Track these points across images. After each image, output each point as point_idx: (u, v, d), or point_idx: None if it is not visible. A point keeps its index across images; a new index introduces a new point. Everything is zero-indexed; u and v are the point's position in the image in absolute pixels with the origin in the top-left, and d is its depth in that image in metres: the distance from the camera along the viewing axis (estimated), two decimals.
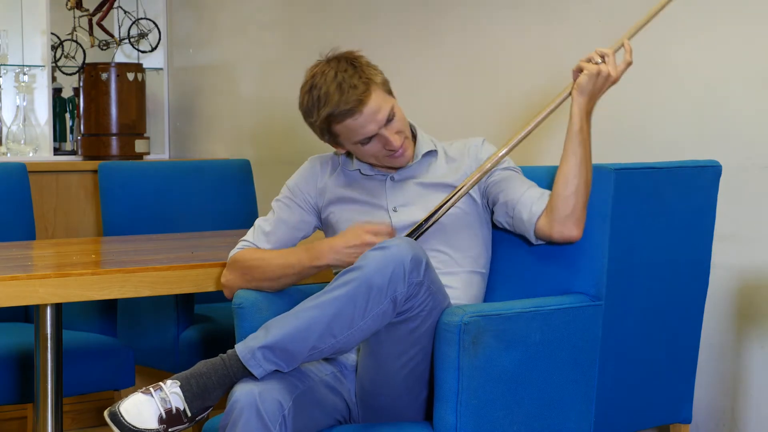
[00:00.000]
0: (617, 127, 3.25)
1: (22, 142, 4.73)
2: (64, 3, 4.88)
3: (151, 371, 3.72)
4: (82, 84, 4.75)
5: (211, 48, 4.91)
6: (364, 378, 2.48)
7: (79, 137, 4.78)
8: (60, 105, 4.93)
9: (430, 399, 2.44)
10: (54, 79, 4.89)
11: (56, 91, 4.91)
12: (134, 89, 4.74)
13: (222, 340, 3.40)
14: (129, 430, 2.24)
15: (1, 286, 2.54)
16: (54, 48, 4.89)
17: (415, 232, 2.57)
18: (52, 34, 4.81)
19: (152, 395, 2.27)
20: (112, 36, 4.96)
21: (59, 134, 4.92)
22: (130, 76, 4.73)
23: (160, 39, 5.01)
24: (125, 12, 4.99)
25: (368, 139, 2.59)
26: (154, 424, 2.26)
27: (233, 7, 4.78)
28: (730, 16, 3.00)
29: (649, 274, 2.65)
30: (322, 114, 2.56)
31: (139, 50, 5.02)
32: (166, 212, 3.95)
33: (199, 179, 4.09)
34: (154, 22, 5.00)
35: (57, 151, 4.87)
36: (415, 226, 2.58)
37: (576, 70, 2.55)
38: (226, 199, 4.09)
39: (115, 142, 4.70)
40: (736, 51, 2.99)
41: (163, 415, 2.27)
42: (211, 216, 4.01)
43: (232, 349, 2.32)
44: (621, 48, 2.56)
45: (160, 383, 2.30)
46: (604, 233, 2.54)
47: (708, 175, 2.73)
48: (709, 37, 3.04)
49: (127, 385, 3.38)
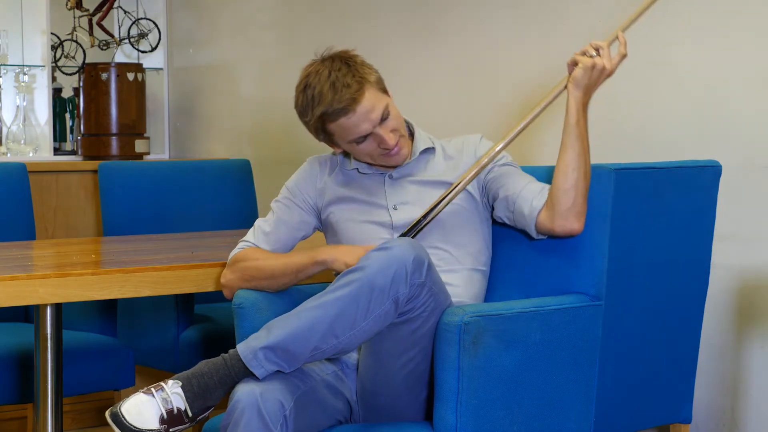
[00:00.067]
0: (617, 127, 3.25)
1: (22, 142, 4.73)
2: (64, 3, 4.87)
3: (151, 371, 3.72)
4: (82, 84, 4.75)
5: (211, 48, 4.91)
6: (365, 377, 2.48)
7: (79, 137, 4.78)
8: (60, 105, 4.93)
9: (431, 399, 2.44)
10: (54, 79, 4.89)
11: (56, 91, 4.91)
12: (134, 89, 4.74)
13: (222, 340, 3.39)
14: (130, 431, 2.24)
15: (1, 286, 2.54)
16: (54, 48, 4.88)
17: (414, 229, 2.57)
18: (52, 34, 4.81)
19: (153, 395, 2.27)
20: (112, 36, 4.95)
21: (59, 134, 4.92)
22: (130, 76, 4.73)
23: (160, 39, 5.01)
24: (125, 12, 4.98)
25: (363, 137, 2.59)
26: (155, 425, 2.26)
27: (233, 7, 4.78)
28: (730, 16, 3.00)
29: (649, 274, 2.65)
30: (316, 113, 2.57)
31: (139, 50, 5.01)
32: (166, 212, 3.95)
33: (199, 179, 4.08)
34: (154, 22, 5.00)
35: (57, 151, 4.86)
36: (413, 223, 2.58)
37: (571, 64, 2.54)
38: (226, 199, 4.09)
39: (115, 142, 4.70)
40: (736, 51, 2.99)
41: (164, 416, 2.26)
42: (211, 216, 4.01)
43: (234, 349, 2.32)
44: (616, 41, 2.56)
45: (162, 383, 2.30)
46: (604, 233, 2.53)
47: (708, 175, 2.73)
48: (709, 37, 3.04)
49: (127, 385, 3.38)
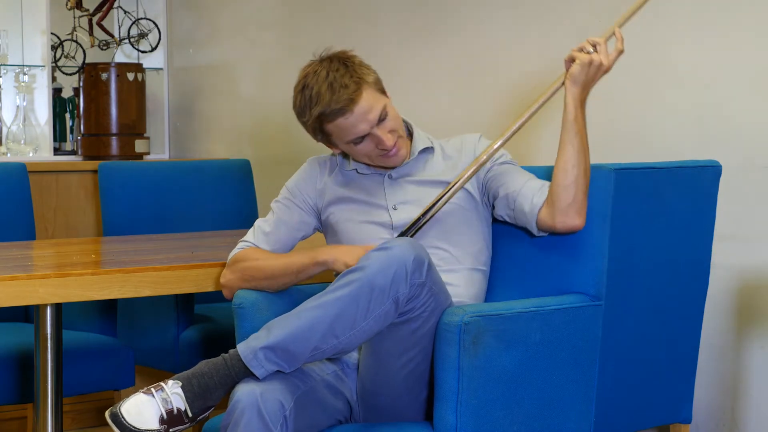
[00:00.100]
0: (617, 127, 3.25)
1: (22, 142, 4.73)
2: (64, 3, 4.87)
3: (151, 371, 3.72)
4: (82, 84, 4.75)
5: (211, 48, 4.91)
6: (365, 377, 2.48)
7: (79, 137, 4.78)
8: (60, 105, 4.93)
9: (431, 399, 2.44)
10: (54, 79, 4.89)
11: (56, 91, 4.91)
12: (134, 89, 4.74)
13: (222, 340, 3.39)
14: (130, 431, 2.24)
15: (1, 286, 2.54)
16: (54, 48, 4.88)
17: (413, 228, 2.57)
18: (52, 34, 4.81)
19: (153, 395, 2.27)
20: (112, 36, 4.95)
21: (59, 134, 4.92)
22: (130, 76, 4.73)
23: (160, 39, 5.00)
24: (125, 12, 4.98)
25: (360, 138, 2.59)
26: (155, 425, 2.26)
27: (233, 7, 4.78)
28: (730, 16, 3.00)
29: (649, 274, 2.65)
30: (314, 113, 2.56)
31: (139, 50, 5.01)
32: (166, 212, 3.95)
33: (199, 179, 4.08)
34: (154, 22, 5.00)
35: (57, 151, 4.86)
36: (412, 222, 2.58)
37: (568, 60, 2.54)
38: (226, 199, 4.09)
39: (115, 142, 4.70)
40: (736, 51, 2.99)
41: (164, 416, 2.26)
42: (211, 216, 4.01)
43: (234, 349, 2.32)
44: (612, 37, 2.56)
45: (162, 383, 2.30)
46: (604, 233, 2.53)
47: (708, 175, 2.73)
48: (709, 37, 3.04)
49: (127, 385, 3.37)
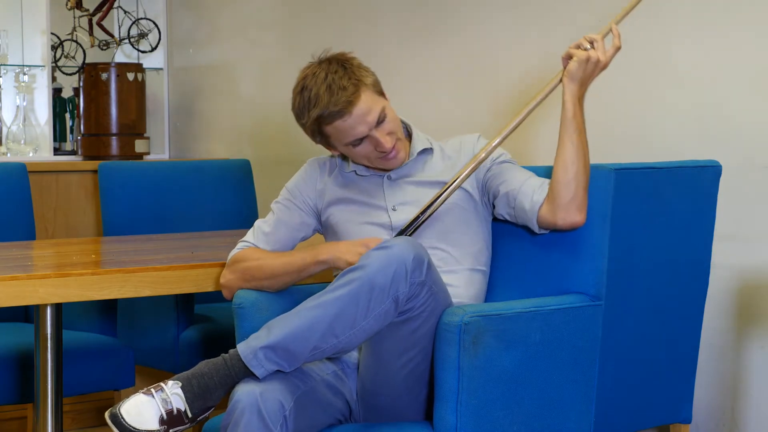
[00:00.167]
0: (617, 127, 3.25)
1: (22, 142, 4.73)
2: (64, 3, 4.87)
3: (151, 371, 3.72)
4: (82, 84, 4.75)
5: (211, 48, 4.91)
6: (365, 377, 2.48)
7: (79, 137, 4.78)
8: (60, 105, 4.93)
9: (431, 399, 2.44)
10: (54, 79, 4.89)
11: (56, 91, 4.91)
12: (134, 89, 4.74)
13: (222, 340, 3.39)
14: None
15: (1, 286, 2.54)
16: (54, 48, 4.88)
17: (411, 226, 2.57)
18: (52, 34, 4.81)
19: (153, 396, 2.27)
20: (112, 36, 4.95)
21: (59, 134, 4.92)
22: (130, 76, 4.73)
23: (160, 39, 5.00)
24: (125, 12, 4.98)
25: (359, 140, 2.59)
26: (155, 425, 2.25)
27: (233, 7, 4.78)
28: (730, 15, 3.00)
29: (649, 274, 2.65)
30: (312, 115, 2.57)
31: (139, 50, 5.01)
32: (166, 212, 3.95)
33: (199, 179, 4.08)
34: (154, 22, 5.00)
35: (57, 151, 4.86)
36: (411, 220, 2.58)
37: (565, 57, 2.55)
38: (226, 199, 4.09)
39: (115, 142, 4.70)
40: (736, 51, 2.99)
41: (164, 416, 2.26)
42: (211, 216, 4.01)
43: (234, 349, 2.32)
44: (609, 33, 2.57)
45: (161, 384, 2.30)
46: (604, 233, 2.53)
47: (708, 175, 2.73)
48: (709, 37, 3.04)
49: (127, 385, 3.37)
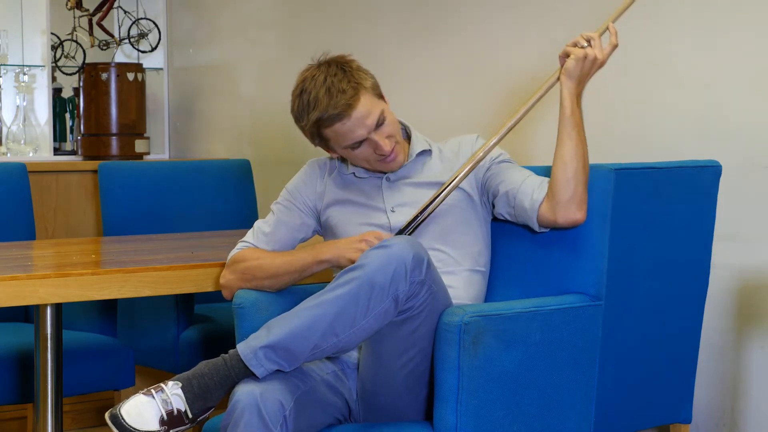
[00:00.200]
0: (617, 127, 3.25)
1: (22, 142, 4.73)
2: (64, 3, 4.87)
3: (151, 371, 3.72)
4: (82, 84, 4.75)
5: (211, 48, 4.91)
6: (365, 377, 2.48)
7: (79, 137, 4.78)
8: (60, 105, 4.93)
9: (431, 399, 2.44)
10: (54, 79, 4.89)
11: (56, 91, 4.91)
12: (134, 89, 4.74)
13: (222, 340, 3.39)
14: None
15: (1, 286, 2.54)
16: (54, 48, 4.88)
17: (410, 226, 2.57)
18: (52, 34, 4.81)
19: (153, 397, 2.27)
20: (112, 36, 4.95)
21: (59, 134, 4.92)
22: (130, 76, 4.73)
23: (160, 39, 5.00)
24: (125, 12, 4.98)
25: (358, 143, 2.59)
26: (156, 426, 2.25)
27: (233, 7, 4.78)
28: (730, 15, 3.00)
29: (649, 274, 2.65)
30: (312, 118, 2.57)
31: (139, 50, 5.01)
32: (166, 212, 3.95)
33: (199, 179, 4.08)
34: (154, 22, 5.00)
35: (57, 151, 4.86)
36: (410, 220, 2.58)
37: (563, 55, 2.55)
38: (226, 199, 4.09)
39: (115, 142, 4.70)
40: (736, 51, 2.99)
41: (164, 417, 2.26)
42: (211, 216, 4.01)
43: (234, 349, 2.32)
44: (606, 31, 2.57)
45: (162, 384, 2.30)
46: (604, 233, 2.53)
47: (708, 175, 2.73)
48: (709, 37, 3.04)
49: (127, 385, 3.37)
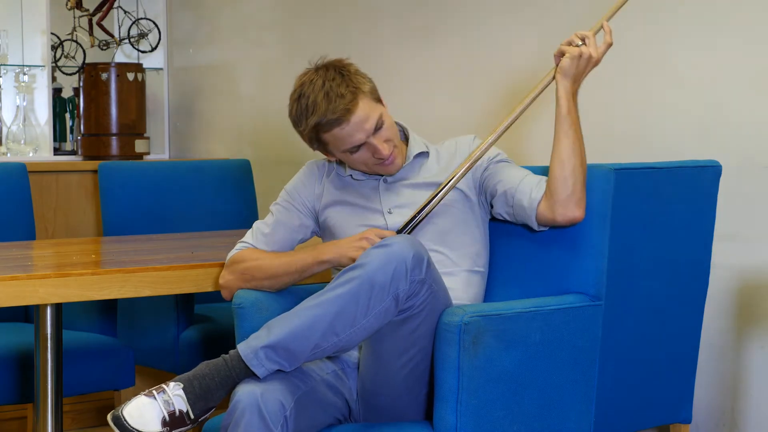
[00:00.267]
0: (618, 127, 3.25)
1: (22, 142, 4.73)
2: (64, 3, 4.87)
3: (151, 371, 3.72)
4: (82, 84, 4.75)
5: (211, 48, 4.91)
6: (365, 377, 2.48)
7: (79, 137, 4.78)
8: (60, 105, 4.93)
9: (431, 399, 2.44)
10: (54, 79, 4.89)
11: (56, 91, 4.91)
12: (134, 89, 4.74)
13: (222, 340, 3.40)
14: None
15: (1, 286, 2.54)
16: (54, 48, 4.88)
17: (408, 226, 2.57)
18: (52, 34, 4.81)
19: (155, 398, 2.27)
20: (112, 36, 4.95)
21: (59, 134, 4.92)
22: (130, 76, 4.73)
23: (160, 39, 5.01)
24: (125, 12, 4.98)
25: (357, 147, 2.59)
26: (158, 427, 2.25)
27: (233, 7, 4.78)
28: (730, 15, 3.00)
29: (649, 274, 2.65)
30: (310, 123, 2.57)
31: (139, 50, 5.01)
32: (166, 212, 3.95)
33: (199, 179, 4.08)
34: (154, 22, 5.00)
35: (57, 151, 4.86)
36: (408, 220, 2.58)
37: (558, 54, 2.56)
38: (226, 199, 4.09)
39: (115, 142, 4.70)
40: (736, 51, 2.99)
41: (167, 418, 2.26)
42: (211, 216, 4.01)
43: (234, 349, 2.32)
44: (600, 30, 2.57)
45: (163, 385, 2.30)
46: (604, 233, 2.53)
47: (708, 175, 2.73)
48: (709, 37, 3.04)
49: (127, 385, 3.37)
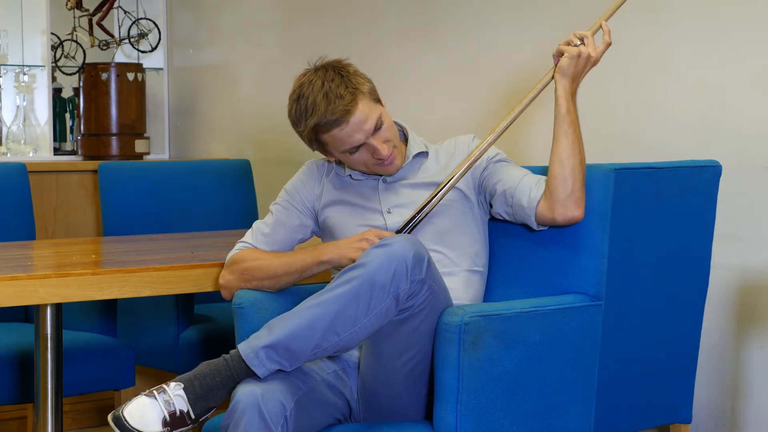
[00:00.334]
0: (617, 127, 3.25)
1: (22, 142, 4.73)
2: (64, 3, 4.87)
3: (151, 371, 3.72)
4: (82, 84, 4.75)
5: (211, 48, 4.91)
6: (365, 376, 2.48)
7: (79, 137, 4.78)
8: (60, 105, 4.93)
9: (431, 398, 2.44)
10: (54, 79, 4.89)
11: (56, 91, 4.91)
12: (134, 89, 4.74)
13: (222, 340, 3.40)
14: None
15: (1, 286, 2.54)
16: (54, 48, 4.88)
17: (408, 226, 2.57)
18: (52, 34, 4.81)
19: (156, 398, 2.27)
20: (112, 36, 4.95)
21: (59, 134, 4.92)
22: (130, 76, 4.73)
23: (160, 39, 5.01)
24: (125, 12, 4.98)
25: (356, 148, 2.59)
26: (158, 427, 2.25)
27: (233, 7, 4.78)
28: (730, 16, 3.00)
29: (649, 274, 2.65)
30: (309, 124, 2.57)
31: (139, 50, 5.01)
32: (166, 212, 3.95)
33: (199, 179, 4.08)
34: (154, 22, 5.00)
35: (57, 151, 4.86)
36: (407, 220, 2.58)
37: (556, 54, 2.56)
38: (226, 199, 4.09)
39: (115, 142, 4.70)
40: (736, 51, 2.99)
41: (167, 418, 2.26)
42: (211, 216, 4.01)
43: (235, 349, 2.32)
44: (599, 30, 2.58)
45: (163, 385, 2.30)
46: (604, 233, 2.53)
47: (708, 175, 2.73)
48: (709, 38, 3.04)
49: (127, 385, 3.37)
